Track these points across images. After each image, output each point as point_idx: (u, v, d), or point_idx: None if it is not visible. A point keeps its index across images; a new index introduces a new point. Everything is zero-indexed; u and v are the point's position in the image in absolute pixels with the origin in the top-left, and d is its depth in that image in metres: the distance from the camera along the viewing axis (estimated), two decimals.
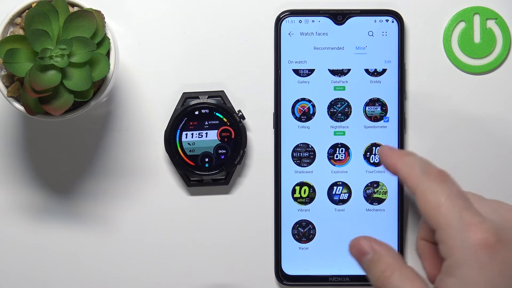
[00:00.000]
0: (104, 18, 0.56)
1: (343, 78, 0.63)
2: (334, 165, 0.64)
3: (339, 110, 0.63)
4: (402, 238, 0.64)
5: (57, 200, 0.64)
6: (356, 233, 0.63)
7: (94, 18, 0.55)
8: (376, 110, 0.63)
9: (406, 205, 0.64)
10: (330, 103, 0.63)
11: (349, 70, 0.63)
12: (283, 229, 0.64)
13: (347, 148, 0.64)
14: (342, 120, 0.63)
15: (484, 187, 0.64)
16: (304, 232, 0.64)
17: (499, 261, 0.46)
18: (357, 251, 0.51)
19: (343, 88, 0.63)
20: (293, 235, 0.64)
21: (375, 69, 0.63)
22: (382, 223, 0.64)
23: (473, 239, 0.46)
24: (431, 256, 0.54)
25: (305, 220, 0.64)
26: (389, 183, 0.64)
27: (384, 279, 0.49)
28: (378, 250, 0.50)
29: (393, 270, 0.49)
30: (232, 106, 0.63)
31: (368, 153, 0.64)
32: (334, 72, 0.63)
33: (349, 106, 0.63)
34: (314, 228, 0.64)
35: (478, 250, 0.46)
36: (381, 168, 0.63)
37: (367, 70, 0.63)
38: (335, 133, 0.63)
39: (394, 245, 0.63)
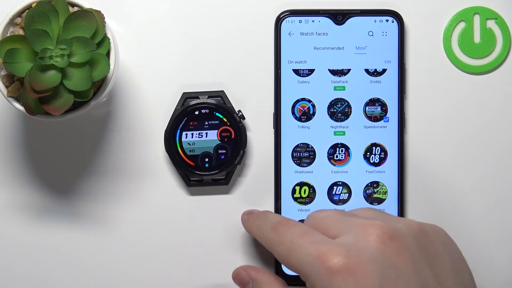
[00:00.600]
0: (104, 18, 0.56)
1: (343, 78, 0.63)
2: (334, 165, 0.64)
3: (339, 110, 0.63)
4: None
5: (57, 200, 0.64)
6: None
7: (94, 18, 0.55)
8: (376, 110, 0.63)
9: (406, 205, 0.64)
10: (330, 103, 0.63)
11: (349, 70, 0.63)
12: None
13: (347, 148, 0.63)
14: (342, 120, 0.63)
15: (484, 187, 0.64)
16: None
17: (354, 284, 0.45)
18: (239, 281, 0.53)
19: (343, 88, 0.63)
20: None
21: (375, 69, 0.63)
22: None
23: (325, 268, 0.46)
24: None
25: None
26: (389, 183, 0.64)
27: None
28: (255, 277, 0.52)
29: None
30: (232, 106, 0.63)
31: (368, 153, 0.64)
32: (334, 72, 0.63)
33: (349, 106, 0.63)
34: None
35: (332, 277, 0.46)
36: (381, 168, 0.64)
37: (367, 70, 0.63)
38: (335, 133, 0.63)
39: None
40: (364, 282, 0.45)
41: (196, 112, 0.62)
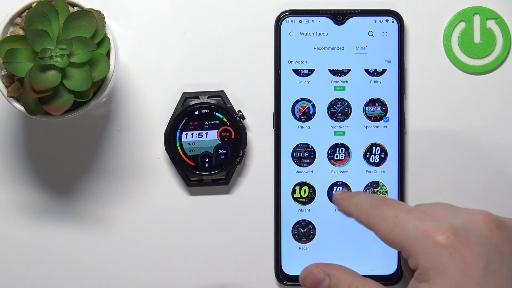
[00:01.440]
0: (104, 18, 0.56)
1: (343, 78, 0.63)
2: (334, 165, 0.64)
3: (339, 110, 0.63)
4: None
5: (57, 200, 0.64)
6: (356, 233, 0.63)
7: (94, 18, 0.55)
8: (376, 110, 0.63)
9: (406, 203, 0.64)
10: (330, 103, 0.63)
11: (349, 70, 0.63)
12: (283, 229, 0.63)
13: (347, 148, 0.63)
14: (342, 120, 0.63)
15: (484, 186, 0.64)
16: (304, 232, 0.64)
17: (460, 261, 0.47)
18: (312, 281, 0.52)
19: (343, 88, 0.63)
20: (293, 235, 0.64)
21: (375, 69, 0.63)
22: None
23: (432, 242, 0.47)
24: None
25: (305, 220, 0.64)
26: (389, 183, 0.64)
27: None
28: (332, 273, 0.51)
29: (356, 286, 0.51)
30: (232, 106, 0.63)
31: (368, 153, 0.63)
32: (334, 72, 0.63)
33: (349, 106, 0.63)
34: (314, 228, 0.64)
35: (439, 252, 0.47)
36: (381, 168, 0.64)
37: (367, 70, 0.63)
38: (335, 133, 0.63)
39: None
40: (470, 260, 0.47)
41: (196, 112, 0.62)
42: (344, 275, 0.51)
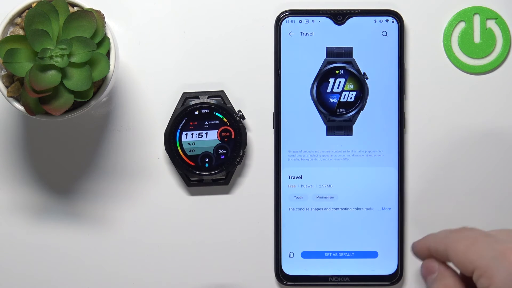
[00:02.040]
0: (104, 18, 0.56)
1: (343, 78, 0.63)
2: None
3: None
4: (402, 238, 0.64)
5: (57, 200, 0.64)
6: (356, 232, 0.63)
7: (94, 18, 0.55)
8: (376, 110, 0.63)
9: (406, 205, 0.64)
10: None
11: (349, 70, 0.63)
12: (283, 229, 0.63)
13: None
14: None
15: (485, 187, 0.64)
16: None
17: None
18: (426, 269, 0.53)
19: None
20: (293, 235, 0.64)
21: (375, 69, 0.63)
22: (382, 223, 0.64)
23: (508, 262, 0.48)
24: None
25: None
26: (389, 183, 0.64)
27: None
28: (443, 271, 0.53)
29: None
30: (232, 106, 0.63)
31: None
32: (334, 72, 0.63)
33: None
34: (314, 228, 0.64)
35: None
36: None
37: (367, 70, 0.63)
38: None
39: (394, 245, 0.63)
40: None
41: (196, 112, 0.62)
42: (449, 276, 0.52)
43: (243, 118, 0.63)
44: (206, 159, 0.62)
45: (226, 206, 0.64)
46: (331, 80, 0.63)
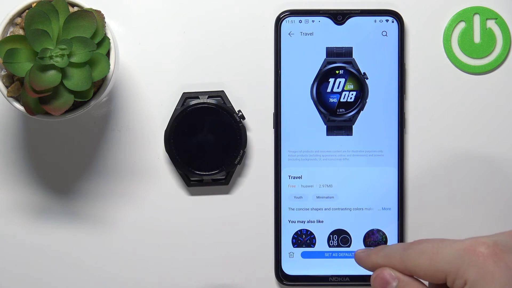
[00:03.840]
0: (104, 18, 0.56)
1: (343, 78, 0.63)
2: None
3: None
4: (402, 238, 0.64)
5: (57, 200, 0.64)
6: (356, 232, 0.63)
7: (94, 18, 0.55)
8: (375, 109, 0.63)
9: (406, 205, 0.64)
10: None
11: (349, 70, 0.63)
12: (283, 229, 0.63)
13: None
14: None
15: (485, 187, 0.64)
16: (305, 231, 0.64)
17: (506, 268, 0.48)
18: (381, 279, 0.53)
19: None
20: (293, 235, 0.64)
21: (375, 69, 0.63)
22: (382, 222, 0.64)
23: (475, 255, 0.49)
24: None
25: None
26: (389, 183, 0.64)
27: None
28: (402, 278, 0.52)
29: None
30: (232, 106, 0.63)
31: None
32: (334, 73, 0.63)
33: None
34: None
35: (484, 262, 0.48)
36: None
37: (367, 70, 0.63)
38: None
39: None
40: None
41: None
42: (412, 283, 0.52)
43: (243, 118, 0.63)
44: None
45: (226, 206, 0.64)
46: (331, 80, 0.63)
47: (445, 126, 0.64)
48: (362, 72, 0.63)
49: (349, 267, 0.63)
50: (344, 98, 0.63)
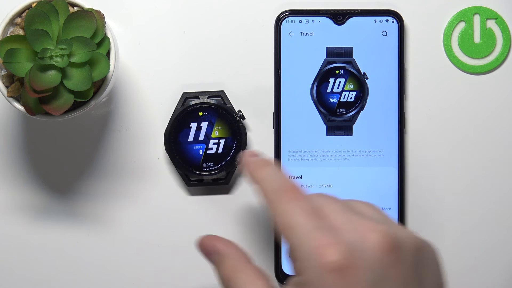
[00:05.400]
0: (104, 18, 0.56)
1: (343, 78, 0.63)
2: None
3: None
4: None
5: (57, 200, 0.64)
6: None
7: (94, 18, 0.55)
8: (375, 109, 0.63)
9: (406, 205, 0.64)
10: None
11: (349, 70, 0.63)
12: None
13: None
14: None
15: (485, 186, 0.64)
16: None
17: (347, 285, 0.44)
18: (203, 251, 0.51)
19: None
20: None
21: (375, 69, 0.63)
22: None
23: (322, 262, 0.45)
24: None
25: None
26: (389, 183, 0.64)
27: (227, 280, 0.48)
28: (221, 250, 0.50)
29: (236, 271, 0.48)
30: (232, 106, 0.63)
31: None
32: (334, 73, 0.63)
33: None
34: None
35: (326, 273, 0.44)
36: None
37: (367, 70, 0.63)
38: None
39: None
40: (362, 285, 0.44)
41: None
42: (230, 256, 0.49)
43: (243, 118, 0.63)
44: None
45: (226, 206, 0.64)
46: (331, 80, 0.63)
47: (445, 126, 0.64)
48: (362, 72, 0.63)
49: None
50: (344, 98, 0.63)
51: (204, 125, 0.62)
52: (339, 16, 0.63)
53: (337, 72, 0.63)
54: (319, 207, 0.47)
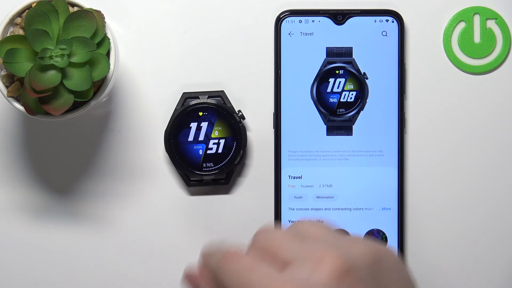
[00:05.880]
0: (104, 18, 0.56)
1: (343, 78, 0.63)
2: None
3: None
4: (402, 238, 0.64)
5: (57, 200, 0.64)
6: (356, 233, 0.63)
7: (94, 18, 0.55)
8: (376, 109, 0.63)
9: (406, 205, 0.64)
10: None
11: (349, 70, 0.63)
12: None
13: None
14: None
15: (485, 186, 0.64)
16: None
17: None
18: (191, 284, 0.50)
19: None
20: None
21: (375, 69, 0.63)
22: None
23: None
24: None
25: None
26: (389, 183, 0.64)
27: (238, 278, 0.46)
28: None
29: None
30: (232, 106, 0.63)
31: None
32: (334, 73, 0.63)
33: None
34: None
35: None
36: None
37: (367, 70, 0.63)
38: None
39: (394, 244, 0.63)
40: None
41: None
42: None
43: (243, 118, 0.63)
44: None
45: (226, 206, 0.64)
46: (331, 80, 0.63)
47: (445, 126, 0.64)
48: (362, 72, 0.63)
49: None
50: (344, 98, 0.63)
51: (204, 125, 0.62)
52: (339, 16, 0.63)
53: (337, 72, 0.63)
54: (265, 246, 0.47)
